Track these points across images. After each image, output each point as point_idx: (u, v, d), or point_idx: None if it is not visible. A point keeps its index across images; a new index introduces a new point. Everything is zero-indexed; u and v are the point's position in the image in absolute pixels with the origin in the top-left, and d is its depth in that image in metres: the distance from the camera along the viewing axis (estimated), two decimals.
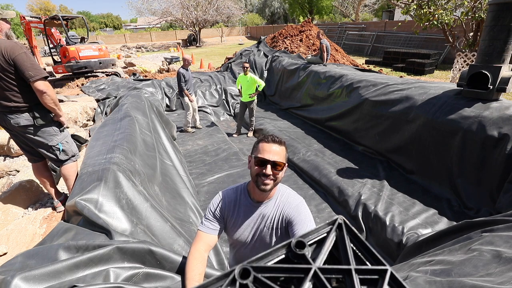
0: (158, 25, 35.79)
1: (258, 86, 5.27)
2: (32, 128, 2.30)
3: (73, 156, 2.63)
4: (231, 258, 1.60)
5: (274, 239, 1.31)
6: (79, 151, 3.15)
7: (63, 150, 2.52)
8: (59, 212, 2.69)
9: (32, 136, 2.34)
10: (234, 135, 5.66)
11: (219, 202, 1.32)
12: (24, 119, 2.24)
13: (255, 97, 5.41)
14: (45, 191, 2.94)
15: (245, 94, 5.33)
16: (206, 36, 35.86)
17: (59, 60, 9.38)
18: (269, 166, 1.15)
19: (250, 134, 5.70)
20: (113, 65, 10.88)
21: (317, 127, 5.50)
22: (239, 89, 5.41)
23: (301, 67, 6.61)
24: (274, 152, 1.15)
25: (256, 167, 1.18)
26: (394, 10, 26.65)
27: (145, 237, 1.63)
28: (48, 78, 2.25)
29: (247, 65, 5.22)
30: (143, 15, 31.08)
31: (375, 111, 4.13)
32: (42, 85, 2.14)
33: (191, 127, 5.78)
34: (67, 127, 2.53)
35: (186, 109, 5.60)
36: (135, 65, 13.55)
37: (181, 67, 5.37)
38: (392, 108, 3.86)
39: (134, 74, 8.97)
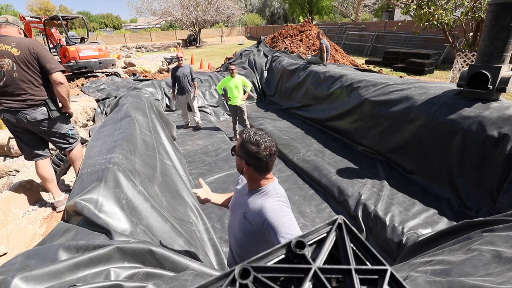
0: (158, 25, 35.79)
1: (246, 87, 5.07)
2: (47, 121, 2.49)
3: (78, 139, 2.87)
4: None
5: (250, 233, 1.29)
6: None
7: (72, 135, 2.74)
8: (59, 212, 2.69)
9: (46, 129, 2.51)
10: (233, 139, 5.52)
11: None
12: (39, 113, 2.42)
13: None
14: (46, 189, 2.97)
15: (235, 97, 5.03)
16: (206, 36, 35.86)
17: (59, 60, 9.39)
18: None
19: None
20: (113, 65, 10.88)
21: (317, 127, 5.50)
22: (222, 94, 5.14)
23: (301, 67, 6.61)
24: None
25: None
26: (394, 10, 26.65)
27: (145, 237, 1.63)
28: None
29: (233, 67, 4.99)
30: (143, 15, 31.07)
31: (375, 111, 4.13)
32: (60, 77, 2.37)
33: (185, 125, 5.94)
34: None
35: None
36: (135, 65, 13.54)
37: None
38: (392, 108, 3.86)
39: (134, 74, 8.97)
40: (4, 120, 2.44)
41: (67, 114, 2.67)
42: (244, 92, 5.16)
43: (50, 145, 2.84)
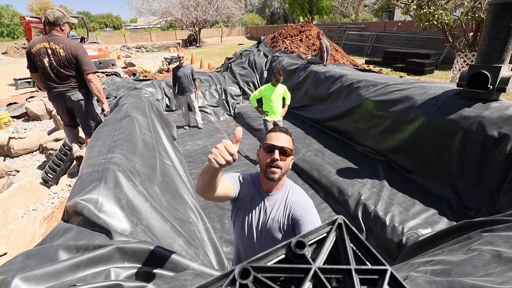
0: (158, 25, 35.78)
1: (285, 99, 4.19)
2: (83, 101, 3.23)
3: None
4: (234, 255, 1.57)
5: (279, 235, 1.31)
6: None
7: (97, 122, 3.39)
8: (78, 156, 3.29)
9: (83, 108, 3.24)
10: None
11: (241, 176, 1.38)
12: (80, 94, 3.19)
13: None
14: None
15: (274, 111, 4.00)
16: (206, 36, 35.85)
17: None
18: (277, 152, 1.22)
19: None
20: (113, 65, 10.88)
21: (317, 127, 5.49)
22: (256, 107, 4.05)
23: (301, 67, 6.61)
24: (281, 140, 1.25)
25: (265, 154, 1.26)
26: (394, 10, 26.64)
27: (145, 237, 1.62)
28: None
29: (280, 74, 3.84)
30: (143, 15, 31.05)
31: (375, 111, 4.13)
32: (90, 77, 3.11)
33: (187, 125, 5.92)
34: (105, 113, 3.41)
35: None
36: (135, 65, 13.54)
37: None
38: (392, 108, 3.86)
39: (134, 74, 8.95)
40: (54, 103, 3.16)
41: (98, 101, 3.42)
42: (284, 104, 4.19)
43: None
